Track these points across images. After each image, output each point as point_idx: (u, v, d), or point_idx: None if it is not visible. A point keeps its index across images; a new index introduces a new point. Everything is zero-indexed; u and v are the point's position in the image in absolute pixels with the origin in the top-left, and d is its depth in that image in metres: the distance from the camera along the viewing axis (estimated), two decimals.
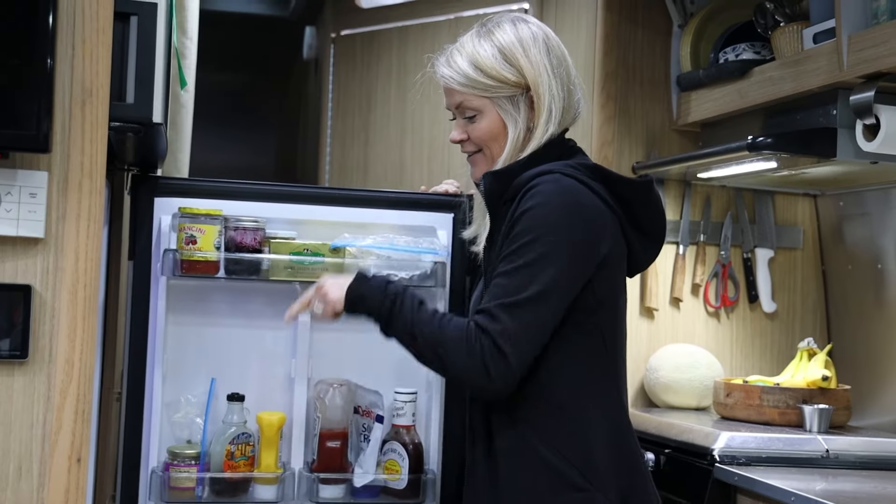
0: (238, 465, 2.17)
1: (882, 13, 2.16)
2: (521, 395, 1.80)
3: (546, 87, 1.88)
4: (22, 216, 1.72)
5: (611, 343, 1.86)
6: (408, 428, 2.22)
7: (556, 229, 1.76)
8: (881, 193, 2.79)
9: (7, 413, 1.73)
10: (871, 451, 2.34)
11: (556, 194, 1.79)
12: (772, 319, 3.04)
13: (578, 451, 1.78)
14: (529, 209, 1.78)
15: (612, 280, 1.85)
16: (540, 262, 1.74)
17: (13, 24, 1.65)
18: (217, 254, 2.14)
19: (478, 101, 1.91)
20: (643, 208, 1.90)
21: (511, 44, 1.89)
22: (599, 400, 1.83)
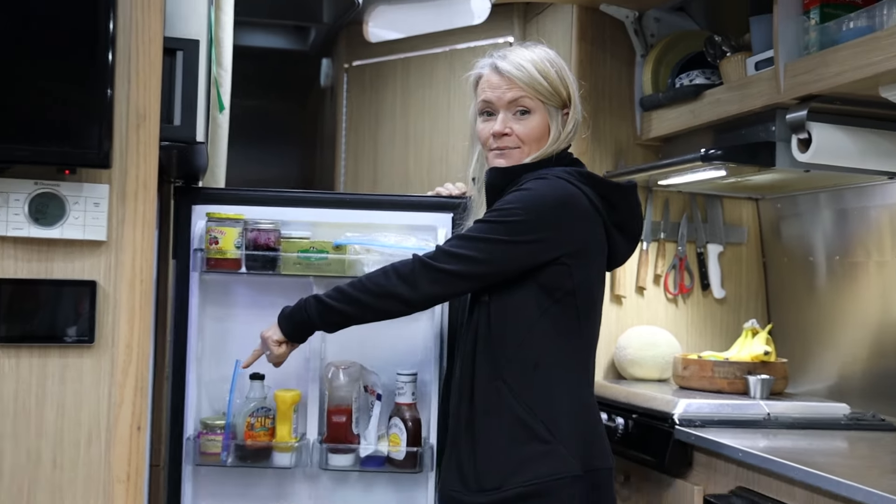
0: (258, 435, 2.20)
1: (812, 45, 2.16)
2: (504, 357, 1.82)
3: (577, 107, 1.93)
4: (87, 222, 1.75)
5: (585, 323, 1.87)
6: (408, 405, 2.21)
7: (536, 206, 1.79)
8: (812, 197, 2.80)
9: (78, 390, 1.76)
10: (804, 413, 2.34)
11: (547, 187, 1.81)
12: (721, 304, 3.03)
13: (546, 409, 1.79)
14: (520, 191, 1.81)
15: (589, 269, 1.85)
16: (504, 224, 1.78)
17: (78, 60, 1.68)
18: (236, 252, 2.16)
19: (533, 103, 1.89)
20: (626, 211, 1.92)
21: (561, 65, 1.92)
22: (569, 369, 1.84)
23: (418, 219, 2.28)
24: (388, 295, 1.82)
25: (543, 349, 1.82)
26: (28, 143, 1.64)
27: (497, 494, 1.77)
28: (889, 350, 2.50)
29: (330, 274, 2.19)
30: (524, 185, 1.82)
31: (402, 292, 1.80)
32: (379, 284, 1.82)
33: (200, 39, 1.92)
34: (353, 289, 1.84)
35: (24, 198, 1.71)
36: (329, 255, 2.17)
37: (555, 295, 1.81)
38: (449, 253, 1.80)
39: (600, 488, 1.83)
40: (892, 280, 2.50)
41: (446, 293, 1.90)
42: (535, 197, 1.80)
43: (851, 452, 2.03)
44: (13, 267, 1.72)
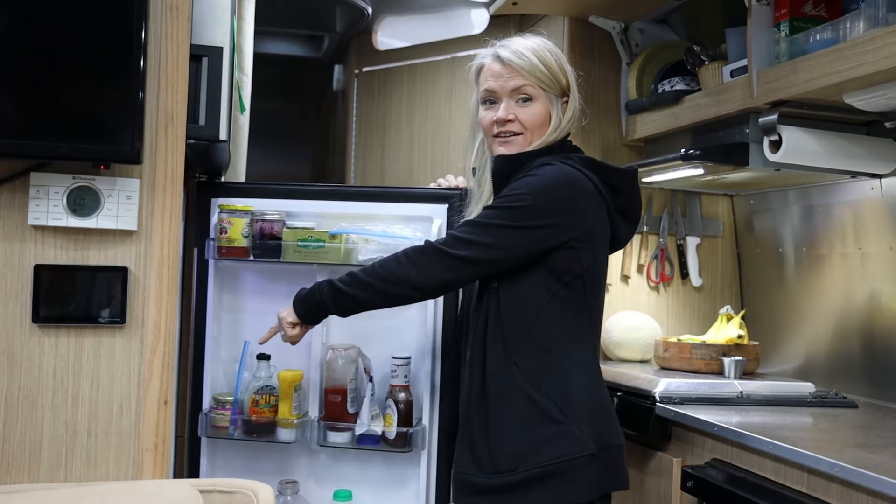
0: (262, 411, 2.19)
1: (783, 55, 2.17)
2: (516, 339, 1.76)
3: (575, 96, 1.86)
4: (120, 213, 1.75)
5: (592, 305, 1.82)
6: (402, 387, 2.17)
7: (544, 192, 1.73)
8: (782, 194, 2.80)
9: (111, 366, 1.77)
10: (774, 391, 2.34)
11: (554, 172, 1.75)
12: (699, 291, 3.03)
13: (558, 391, 1.74)
14: (527, 177, 1.75)
15: (596, 253, 1.79)
16: (514, 210, 1.72)
17: (112, 66, 1.68)
18: (243, 240, 2.16)
19: (535, 90, 1.81)
20: (628, 196, 1.86)
21: (560, 55, 1.87)
22: (578, 350, 1.79)
23: (415, 210, 2.22)
24: (401, 281, 1.75)
25: (554, 332, 1.76)
26: (67, 141, 1.64)
27: (513, 476, 1.71)
28: (851, 334, 2.51)
29: (328, 262, 2.15)
30: (531, 172, 1.76)
31: (414, 278, 1.74)
32: (391, 271, 1.76)
33: (224, 47, 1.93)
34: (365, 274, 1.77)
35: (63, 191, 1.71)
36: (326, 243, 2.14)
37: (563, 278, 1.75)
38: (461, 239, 1.73)
39: (614, 464, 1.77)
40: (853, 270, 2.51)
41: (459, 279, 1.81)
42: (542, 183, 1.73)
43: (815, 427, 2.03)
44: (53, 254, 1.73)
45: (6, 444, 1.71)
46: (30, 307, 1.72)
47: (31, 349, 1.72)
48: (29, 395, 1.72)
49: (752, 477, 1.89)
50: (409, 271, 1.74)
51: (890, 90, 1.89)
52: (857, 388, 2.46)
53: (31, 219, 1.71)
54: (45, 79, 1.63)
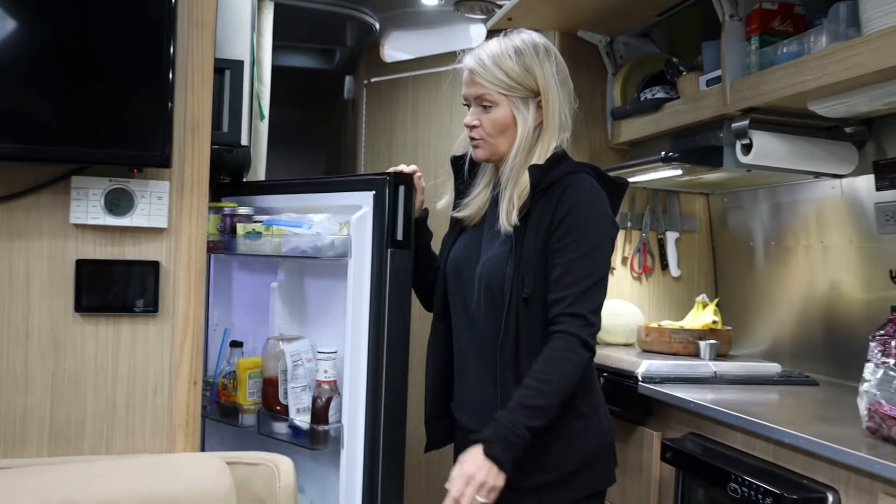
0: (229, 395, 2.14)
1: (753, 66, 2.17)
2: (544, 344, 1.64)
3: (554, 94, 1.69)
4: (152, 213, 1.75)
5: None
6: (325, 382, 1.94)
7: (598, 226, 1.65)
8: (752, 193, 2.80)
9: (145, 350, 1.77)
10: (744, 371, 2.34)
11: (591, 194, 1.66)
12: (677, 281, 3.04)
13: (583, 386, 1.66)
14: (573, 208, 1.64)
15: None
16: (593, 252, 1.63)
17: (144, 79, 1.67)
18: (217, 235, 2.11)
19: (496, 96, 1.68)
20: (618, 203, 1.79)
21: (529, 54, 1.69)
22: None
23: (346, 198, 1.98)
24: (571, 389, 1.60)
25: None
26: (104, 147, 1.64)
27: (556, 473, 1.65)
28: (813, 319, 2.52)
29: (266, 253, 2.01)
30: (575, 198, 1.64)
31: (575, 377, 1.60)
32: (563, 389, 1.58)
33: (244, 60, 1.92)
34: (545, 400, 1.56)
35: (101, 192, 1.71)
36: (262, 235, 2.00)
37: None
38: (593, 313, 1.63)
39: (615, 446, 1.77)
40: (816, 262, 2.52)
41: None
42: (595, 216, 1.65)
43: (781, 403, 2.04)
44: (92, 250, 1.73)
45: (54, 421, 1.71)
46: (72, 298, 1.72)
47: (74, 335, 1.72)
48: (73, 377, 1.72)
49: (724, 448, 1.90)
50: (570, 381, 1.60)
51: (850, 99, 1.90)
52: (819, 367, 2.47)
53: (72, 218, 1.71)
54: (84, 91, 1.63)
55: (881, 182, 2.21)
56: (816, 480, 1.62)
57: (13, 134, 1.59)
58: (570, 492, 1.68)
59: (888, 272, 2.20)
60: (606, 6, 2.65)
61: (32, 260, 1.70)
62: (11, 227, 1.69)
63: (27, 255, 1.70)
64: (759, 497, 1.68)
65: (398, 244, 1.86)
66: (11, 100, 1.60)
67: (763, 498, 1.66)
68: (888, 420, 1.54)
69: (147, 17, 1.65)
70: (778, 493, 1.62)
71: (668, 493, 2.12)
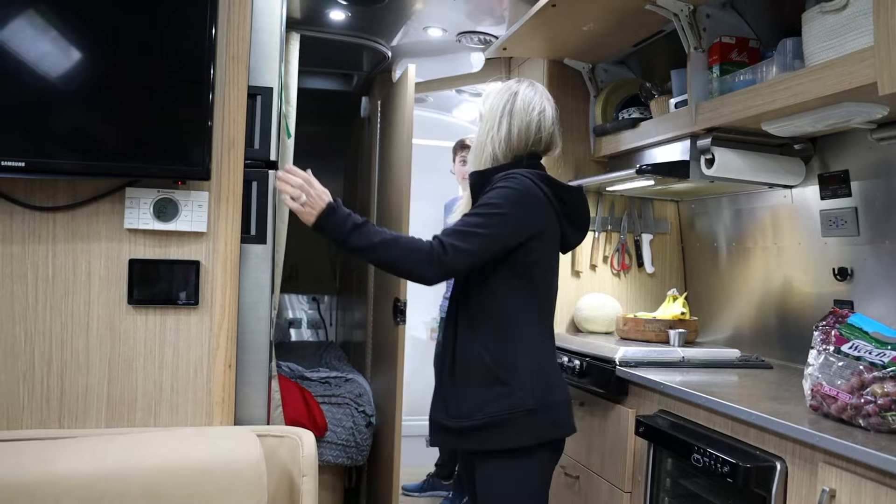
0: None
1: (715, 91, 2.18)
2: (478, 318, 1.76)
3: (493, 120, 1.83)
4: (193, 219, 1.78)
5: (541, 292, 1.79)
6: None
7: (508, 203, 1.71)
8: (716, 200, 2.80)
9: (187, 338, 1.78)
10: (708, 357, 2.35)
11: (517, 185, 1.74)
12: (651, 277, 3.04)
13: (507, 360, 1.74)
14: (498, 188, 1.74)
15: (544, 249, 1.78)
16: (490, 216, 1.70)
17: (188, 103, 1.70)
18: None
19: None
20: (574, 206, 1.84)
21: (489, 93, 1.89)
22: (527, 329, 1.77)
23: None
24: (402, 270, 1.69)
25: (508, 313, 1.75)
26: (154, 163, 1.67)
27: (468, 421, 1.74)
28: (769, 311, 2.52)
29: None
30: (497, 185, 1.75)
31: (414, 274, 1.69)
32: (398, 258, 1.67)
33: (273, 87, 1.92)
34: (384, 246, 1.67)
35: (150, 201, 1.74)
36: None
37: (517, 270, 1.74)
38: (455, 247, 1.68)
39: (555, 417, 1.77)
40: (771, 260, 2.52)
41: (446, 279, 1.77)
42: (509, 194, 1.72)
43: (739, 384, 2.03)
44: (143, 250, 1.76)
45: (110, 398, 1.74)
46: (126, 291, 1.74)
47: (127, 324, 1.74)
48: (126, 360, 1.74)
49: (689, 424, 1.91)
50: (411, 267, 1.68)
51: (797, 120, 1.90)
52: (774, 353, 2.47)
53: (126, 223, 1.73)
54: (137, 115, 1.66)
55: (824, 192, 2.22)
56: (767, 451, 1.63)
57: (79, 152, 1.62)
58: (480, 442, 1.74)
59: (831, 270, 2.22)
60: (589, 38, 2.66)
61: (93, 259, 1.73)
62: (75, 231, 1.71)
63: (88, 256, 1.72)
64: (717, 466, 1.69)
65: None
66: (77, 122, 1.62)
67: (721, 466, 1.68)
68: (828, 399, 1.56)
69: (192, 51, 1.68)
70: (734, 462, 1.64)
71: (642, 463, 2.13)
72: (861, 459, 1.35)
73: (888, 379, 1.46)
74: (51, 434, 1.67)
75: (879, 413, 1.45)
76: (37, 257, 1.70)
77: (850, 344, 1.56)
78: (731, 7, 2.25)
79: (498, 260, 1.73)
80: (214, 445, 1.63)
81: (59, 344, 1.71)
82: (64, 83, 1.61)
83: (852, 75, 1.62)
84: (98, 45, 1.63)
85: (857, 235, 2.13)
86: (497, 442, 1.72)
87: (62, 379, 1.71)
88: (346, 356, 4.33)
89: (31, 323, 1.70)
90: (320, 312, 5.26)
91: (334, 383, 3.38)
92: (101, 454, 1.54)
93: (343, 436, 3.11)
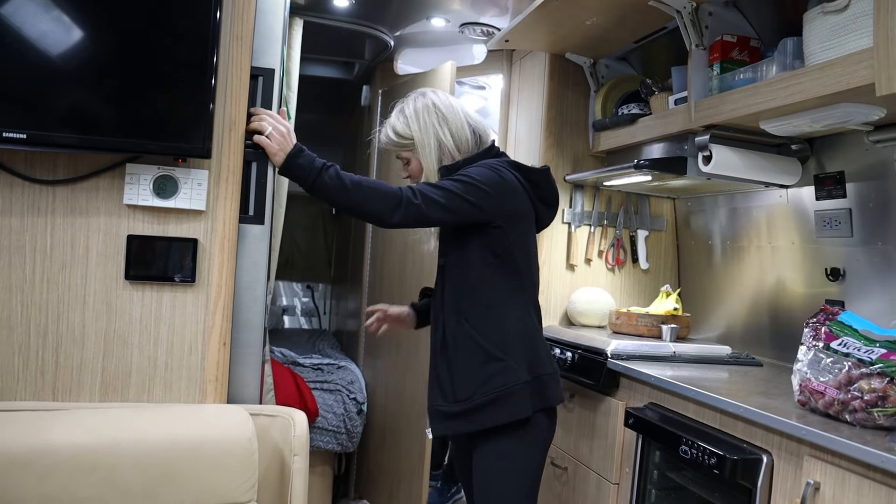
0: None
1: (714, 89, 2.18)
2: (464, 301, 1.79)
3: (428, 133, 1.86)
4: (193, 197, 1.78)
5: (524, 271, 1.82)
6: None
7: (489, 184, 1.74)
8: (712, 198, 2.81)
9: (183, 315, 1.78)
10: (699, 352, 2.36)
11: (487, 167, 1.79)
12: (646, 273, 3.05)
13: (498, 337, 1.77)
14: (477, 167, 1.78)
15: (521, 229, 1.82)
16: (471, 186, 1.73)
17: (191, 82, 1.69)
18: None
19: (405, 153, 1.91)
20: (545, 187, 1.88)
21: (410, 111, 1.89)
22: (513, 306, 1.80)
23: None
24: (372, 214, 1.72)
25: (493, 293, 1.78)
26: (154, 140, 1.66)
27: (469, 403, 1.76)
28: (761, 309, 2.53)
29: None
30: (476, 165, 1.79)
31: (385, 218, 1.71)
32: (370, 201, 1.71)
33: (275, 69, 1.91)
34: (356, 190, 1.71)
35: (150, 178, 1.73)
36: None
37: (496, 251, 1.78)
38: (429, 199, 1.71)
39: (545, 387, 1.80)
40: (765, 260, 2.53)
41: (415, 227, 1.79)
42: (491, 176, 1.76)
43: (729, 380, 2.05)
44: (141, 227, 1.75)
45: (105, 372, 1.74)
46: (123, 267, 1.74)
47: (123, 300, 1.74)
48: (122, 336, 1.74)
49: (678, 416, 1.93)
50: (376, 208, 1.71)
51: (794, 120, 1.91)
52: (764, 351, 2.49)
53: (125, 199, 1.73)
54: (140, 92, 1.66)
55: (820, 193, 2.24)
56: (754, 444, 1.65)
57: (80, 127, 1.62)
58: (483, 422, 1.76)
59: (824, 270, 2.24)
60: (591, 33, 2.66)
61: (91, 234, 1.72)
62: (74, 206, 1.71)
63: (87, 230, 1.72)
64: (704, 458, 1.71)
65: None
66: (79, 98, 1.62)
67: (708, 458, 1.69)
68: (815, 394, 1.57)
69: (196, 31, 1.68)
70: (721, 454, 1.66)
71: (630, 455, 2.15)
72: (846, 453, 1.37)
73: (875, 375, 1.48)
74: (44, 406, 1.67)
75: (865, 409, 1.47)
76: (35, 230, 1.70)
77: (840, 341, 1.58)
78: (733, 6, 2.25)
79: (477, 243, 1.78)
80: (207, 422, 1.64)
81: (56, 317, 1.71)
82: (67, 60, 1.61)
83: (851, 76, 1.64)
84: (102, 22, 1.63)
85: (850, 236, 2.15)
86: (499, 417, 1.74)
87: (57, 352, 1.71)
88: (339, 344, 4.34)
89: (27, 295, 1.70)
90: (314, 300, 5.27)
91: (327, 370, 3.39)
92: (95, 426, 1.55)
93: (334, 422, 3.12)
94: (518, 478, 1.76)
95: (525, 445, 1.78)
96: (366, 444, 3.49)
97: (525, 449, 1.78)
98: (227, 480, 1.59)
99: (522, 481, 1.77)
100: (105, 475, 1.50)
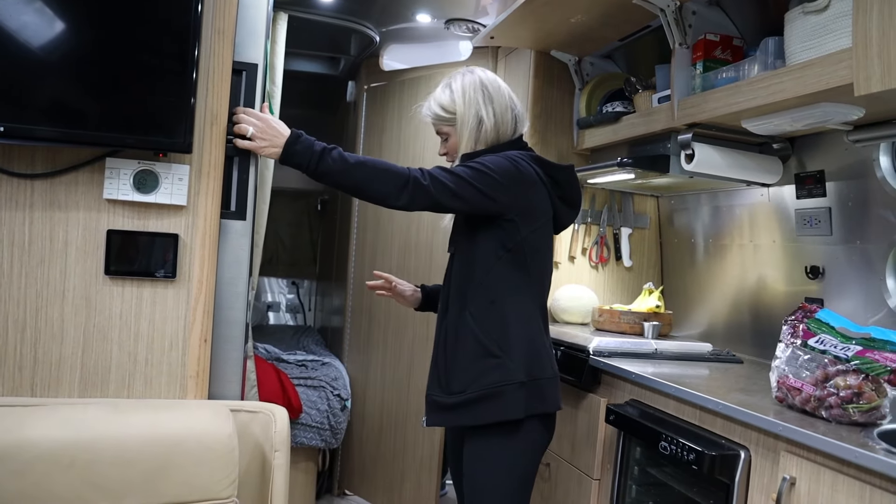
0: None
1: (697, 88, 2.19)
2: (469, 293, 1.76)
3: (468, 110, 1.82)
4: (174, 192, 1.76)
5: (533, 268, 1.78)
6: None
7: (494, 167, 1.70)
8: (695, 196, 2.83)
9: (163, 311, 1.76)
10: (681, 350, 2.37)
11: (504, 157, 1.74)
12: (629, 271, 3.06)
13: (498, 334, 1.74)
14: (494, 157, 1.74)
15: (535, 226, 1.77)
16: (484, 175, 1.69)
17: (171, 76, 1.67)
18: None
19: (445, 128, 1.86)
20: (567, 185, 1.84)
21: (459, 87, 1.84)
22: (518, 303, 1.77)
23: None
24: (377, 190, 1.67)
25: (498, 288, 1.75)
26: (135, 134, 1.64)
27: (462, 396, 1.75)
28: (743, 307, 2.55)
29: None
30: (494, 155, 1.75)
31: (391, 201, 1.67)
32: (379, 182, 1.66)
33: (259, 64, 1.89)
34: (363, 174, 1.67)
35: (131, 172, 1.72)
36: None
37: (507, 245, 1.74)
38: (439, 184, 1.67)
39: (542, 392, 1.77)
40: (747, 258, 2.54)
41: (423, 210, 1.73)
42: (507, 167, 1.72)
43: (710, 377, 2.07)
44: (121, 222, 1.73)
45: (84, 368, 1.72)
46: (103, 262, 1.72)
47: (103, 295, 1.73)
48: (101, 331, 1.73)
49: (658, 413, 1.94)
50: (382, 188, 1.67)
51: (776, 119, 1.92)
52: (745, 348, 2.51)
53: (105, 193, 1.71)
54: (120, 85, 1.64)
55: (800, 191, 2.25)
56: (732, 440, 1.66)
57: (59, 120, 1.60)
58: (474, 417, 1.74)
59: (804, 268, 2.26)
60: (576, 31, 2.67)
61: (70, 229, 1.71)
62: (53, 200, 1.70)
63: (66, 225, 1.71)
64: (683, 453, 1.72)
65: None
66: (59, 91, 1.61)
67: (687, 454, 1.70)
68: (792, 391, 1.59)
69: (177, 24, 1.66)
70: (699, 450, 1.67)
71: (611, 450, 2.16)
72: (821, 449, 1.38)
73: (851, 372, 1.50)
74: (22, 402, 1.66)
75: (841, 405, 1.49)
76: (13, 224, 1.68)
77: (817, 338, 1.59)
78: (717, 5, 2.27)
79: (490, 236, 1.75)
80: (187, 417, 1.63)
81: (34, 312, 1.70)
82: (46, 52, 1.59)
83: (830, 76, 1.65)
84: (82, 13, 1.62)
85: (830, 235, 2.16)
86: (489, 415, 1.73)
87: (35, 347, 1.70)
88: (324, 341, 4.33)
89: (5, 290, 1.68)
90: (299, 297, 5.26)
91: (311, 366, 3.39)
92: (73, 421, 1.53)
93: (318, 418, 3.12)
94: (506, 480, 1.74)
95: (516, 448, 1.75)
96: (351, 440, 3.49)
97: (516, 452, 1.75)
98: (207, 476, 1.59)
99: (510, 484, 1.74)
100: (83, 471, 1.49)
